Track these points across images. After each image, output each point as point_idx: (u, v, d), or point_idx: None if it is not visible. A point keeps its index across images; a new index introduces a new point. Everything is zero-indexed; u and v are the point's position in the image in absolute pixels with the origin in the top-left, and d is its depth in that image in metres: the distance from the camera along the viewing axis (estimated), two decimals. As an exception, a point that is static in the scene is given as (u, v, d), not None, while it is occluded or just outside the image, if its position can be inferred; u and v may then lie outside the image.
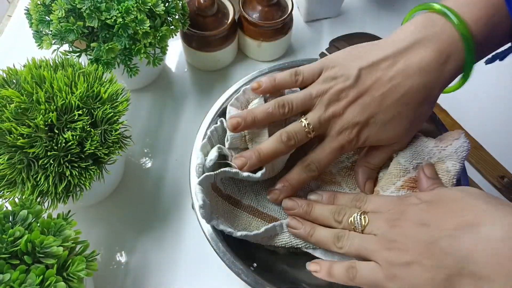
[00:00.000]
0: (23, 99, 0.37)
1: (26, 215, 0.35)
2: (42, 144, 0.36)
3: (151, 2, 0.45)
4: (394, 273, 0.31)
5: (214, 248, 0.37)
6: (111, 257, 0.47)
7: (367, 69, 0.38)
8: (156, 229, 0.49)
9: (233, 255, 0.36)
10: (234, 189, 0.42)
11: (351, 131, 0.38)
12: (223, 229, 0.37)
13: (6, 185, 0.37)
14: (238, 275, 0.36)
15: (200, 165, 0.39)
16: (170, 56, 0.63)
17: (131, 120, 0.56)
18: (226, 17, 0.57)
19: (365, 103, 0.37)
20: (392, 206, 0.35)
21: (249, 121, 0.39)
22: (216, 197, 0.39)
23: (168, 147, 0.55)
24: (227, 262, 0.36)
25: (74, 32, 0.43)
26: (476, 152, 0.55)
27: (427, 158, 0.39)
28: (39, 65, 0.42)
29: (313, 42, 0.65)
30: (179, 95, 0.59)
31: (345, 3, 0.68)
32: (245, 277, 0.35)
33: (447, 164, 0.38)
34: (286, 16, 0.57)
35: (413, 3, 0.69)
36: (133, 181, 0.52)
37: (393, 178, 0.40)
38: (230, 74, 0.61)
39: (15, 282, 0.30)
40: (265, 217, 0.42)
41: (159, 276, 0.46)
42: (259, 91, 0.41)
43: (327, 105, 0.38)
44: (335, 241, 0.36)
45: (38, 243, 0.32)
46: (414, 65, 0.36)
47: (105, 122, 0.40)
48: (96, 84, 0.41)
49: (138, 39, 0.46)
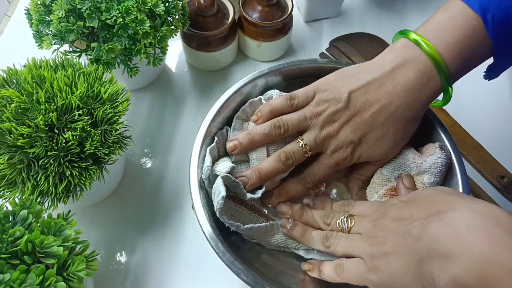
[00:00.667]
0: (23, 99, 0.37)
1: (26, 215, 0.35)
2: (42, 144, 0.36)
3: (151, 2, 0.45)
4: (375, 265, 0.34)
5: (213, 248, 0.37)
6: (111, 257, 0.47)
7: (356, 91, 0.41)
8: (156, 229, 0.49)
9: (233, 255, 0.36)
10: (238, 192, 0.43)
11: (345, 150, 0.41)
12: (231, 224, 0.39)
13: (6, 185, 0.37)
14: (237, 275, 0.36)
15: (209, 167, 0.40)
16: (170, 56, 0.63)
17: (131, 120, 0.56)
18: (226, 17, 0.57)
19: (357, 123, 0.41)
20: (376, 208, 0.39)
21: (245, 144, 0.42)
22: None
23: (168, 147, 0.55)
24: (227, 261, 0.36)
25: (74, 32, 0.43)
26: (476, 152, 0.55)
27: (407, 170, 0.43)
28: (39, 65, 0.42)
29: (313, 42, 0.65)
30: (179, 95, 0.59)
31: (345, 3, 0.68)
32: (245, 276, 0.36)
33: (423, 177, 0.42)
34: (286, 16, 0.57)
35: (413, 3, 0.70)
36: (133, 181, 0.52)
37: (376, 186, 0.44)
38: (230, 74, 0.61)
39: (15, 282, 0.30)
40: (267, 218, 0.44)
41: (159, 276, 0.46)
42: (259, 121, 0.44)
43: (322, 126, 0.41)
44: (324, 241, 0.39)
45: (38, 243, 0.32)
46: (400, 86, 0.40)
47: (105, 122, 0.40)
48: (96, 84, 0.41)
49: (138, 39, 0.46)
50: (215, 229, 0.38)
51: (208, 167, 0.40)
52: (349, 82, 0.41)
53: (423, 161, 0.41)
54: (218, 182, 0.39)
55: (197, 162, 0.41)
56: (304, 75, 0.48)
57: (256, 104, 0.45)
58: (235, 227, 0.39)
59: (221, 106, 0.44)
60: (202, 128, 0.43)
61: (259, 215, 0.43)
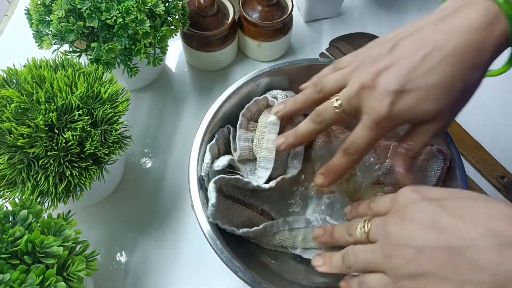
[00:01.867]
0: (23, 99, 0.37)
1: (26, 215, 0.34)
2: (42, 144, 0.36)
3: (151, 2, 0.45)
4: (402, 285, 0.28)
5: (212, 246, 0.37)
6: (111, 257, 0.47)
7: (406, 38, 0.34)
8: (156, 229, 0.49)
9: (231, 253, 0.36)
10: (236, 191, 0.43)
11: (383, 102, 0.33)
12: (225, 228, 0.39)
13: (6, 185, 0.37)
14: (235, 273, 0.36)
15: (208, 164, 0.40)
16: (170, 56, 0.63)
17: (131, 120, 0.56)
18: (226, 17, 0.57)
19: (401, 68, 0.33)
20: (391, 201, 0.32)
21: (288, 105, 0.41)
22: (219, 196, 0.40)
23: (168, 147, 0.55)
24: (225, 260, 0.36)
25: (74, 32, 0.43)
26: (476, 152, 0.55)
27: None
28: (39, 65, 0.42)
29: (313, 42, 0.65)
30: (179, 95, 0.59)
31: (345, 3, 0.68)
32: (242, 275, 0.36)
33: None
34: (286, 16, 0.57)
35: (413, 3, 0.70)
36: (133, 181, 0.52)
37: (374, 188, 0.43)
38: (230, 74, 0.61)
39: (15, 282, 0.30)
40: (266, 215, 0.44)
41: (159, 276, 0.46)
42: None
43: (356, 79, 0.35)
44: (344, 262, 0.33)
45: (38, 243, 0.32)
46: (460, 25, 0.32)
47: (105, 122, 0.40)
48: (96, 84, 0.41)
49: (138, 39, 0.46)
50: (214, 228, 0.38)
51: (208, 164, 0.40)
52: (401, 33, 0.35)
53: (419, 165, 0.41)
54: (210, 188, 0.39)
55: (197, 159, 0.41)
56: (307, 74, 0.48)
57: (260, 102, 0.45)
58: (230, 231, 0.39)
59: (221, 104, 0.44)
60: (202, 126, 0.43)
61: (260, 214, 0.43)
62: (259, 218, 0.43)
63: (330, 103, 0.37)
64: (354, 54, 0.38)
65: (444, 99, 0.33)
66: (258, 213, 0.43)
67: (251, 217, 0.43)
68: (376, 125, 0.34)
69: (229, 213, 0.42)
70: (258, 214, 0.43)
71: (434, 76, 0.32)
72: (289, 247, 0.42)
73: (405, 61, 0.33)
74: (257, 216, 0.43)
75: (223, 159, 0.42)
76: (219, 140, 0.43)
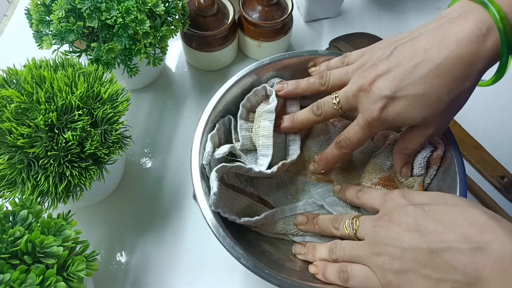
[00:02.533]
0: (23, 99, 0.37)
1: (26, 215, 0.34)
2: (42, 144, 0.36)
3: (151, 2, 0.45)
4: (389, 281, 0.31)
5: (214, 234, 0.37)
6: (111, 257, 0.47)
7: (405, 44, 0.36)
8: (156, 229, 0.49)
9: (233, 240, 0.37)
10: (236, 181, 0.44)
11: (377, 106, 0.36)
12: (227, 217, 0.39)
13: (6, 185, 0.37)
14: (238, 259, 0.36)
15: (209, 153, 0.41)
16: (170, 56, 0.63)
17: (131, 120, 0.56)
18: (226, 17, 0.57)
19: (396, 75, 0.35)
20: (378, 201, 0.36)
21: (291, 87, 0.44)
22: (220, 185, 0.41)
23: (168, 147, 0.55)
24: (227, 246, 0.36)
25: (74, 32, 0.43)
26: (476, 152, 0.55)
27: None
28: (39, 65, 0.42)
29: (313, 42, 0.65)
30: (179, 95, 0.59)
31: (345, 3, 0.68)
32: (245, 261, 0.36)
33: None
34: (286, 16, 0.57)
35: (413, 3, 0.70)
36: (133, 181, 0.52)
37: (370, 175, 0.45)
38: (230, 74, 0.61)
39: (15, 282, 0.30)
40: (265, 204, 0.45)
41: (159, 276, 0.46)
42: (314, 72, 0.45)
43: (356, 79, 0.38)
44: (330, 254, 0.37)
45: (38, 243, 0.32)
46: (453, 36, 0.33)
47: (105, 122, 0.40)
48: (96, 84, 0.41)
49: (138, 39, 0.46)
50: (216, 216, 0.38)
51: (209, 152, 0.41)
52: (403, 38, 0.37)
53: None
54: (212, 177, 0.39)
55: (199, 148, 0.41)
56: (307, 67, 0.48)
57: (260, 92, 0.46)
58: (231, 220, 0.40)
59: (223, 94, 0.44)
60: (204, 116, 0.43)
61: (259, 203, 0.44)
62: (259, 207, 0.44)
63: (330, 99, 0.40)
64: (362, 52, 0.41)
65: (430, 108, 0.35)
66: (258, 202, 0.44)
67: (251, 206, 0.43)
68: (368, 125, 0.38)
69: (230, 202, 0.42)
70: (258, 203, 0.44)
71: (421, 86, 0.34)
72: (289, 234, 0.43)
73: (399, 68, 0.35)
74: (258, 205, 0.44)
75: (224, 147, 0.42)
76: (220, 130, 0.44)
